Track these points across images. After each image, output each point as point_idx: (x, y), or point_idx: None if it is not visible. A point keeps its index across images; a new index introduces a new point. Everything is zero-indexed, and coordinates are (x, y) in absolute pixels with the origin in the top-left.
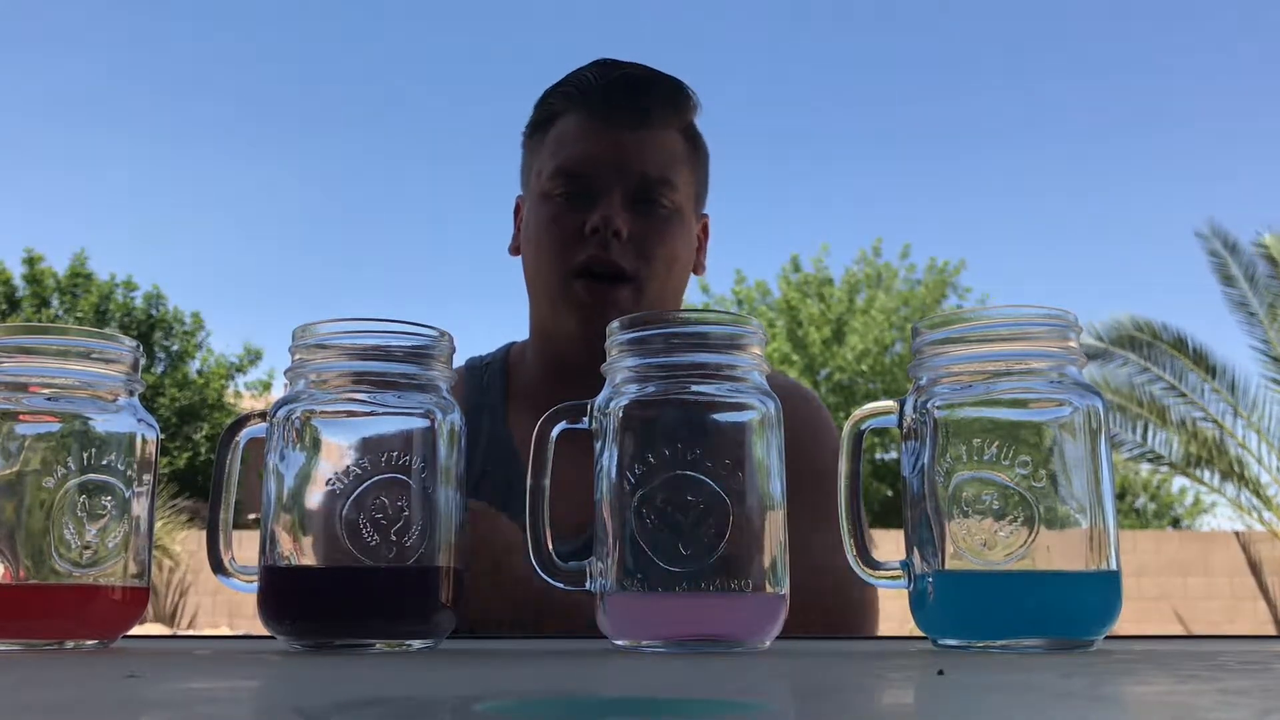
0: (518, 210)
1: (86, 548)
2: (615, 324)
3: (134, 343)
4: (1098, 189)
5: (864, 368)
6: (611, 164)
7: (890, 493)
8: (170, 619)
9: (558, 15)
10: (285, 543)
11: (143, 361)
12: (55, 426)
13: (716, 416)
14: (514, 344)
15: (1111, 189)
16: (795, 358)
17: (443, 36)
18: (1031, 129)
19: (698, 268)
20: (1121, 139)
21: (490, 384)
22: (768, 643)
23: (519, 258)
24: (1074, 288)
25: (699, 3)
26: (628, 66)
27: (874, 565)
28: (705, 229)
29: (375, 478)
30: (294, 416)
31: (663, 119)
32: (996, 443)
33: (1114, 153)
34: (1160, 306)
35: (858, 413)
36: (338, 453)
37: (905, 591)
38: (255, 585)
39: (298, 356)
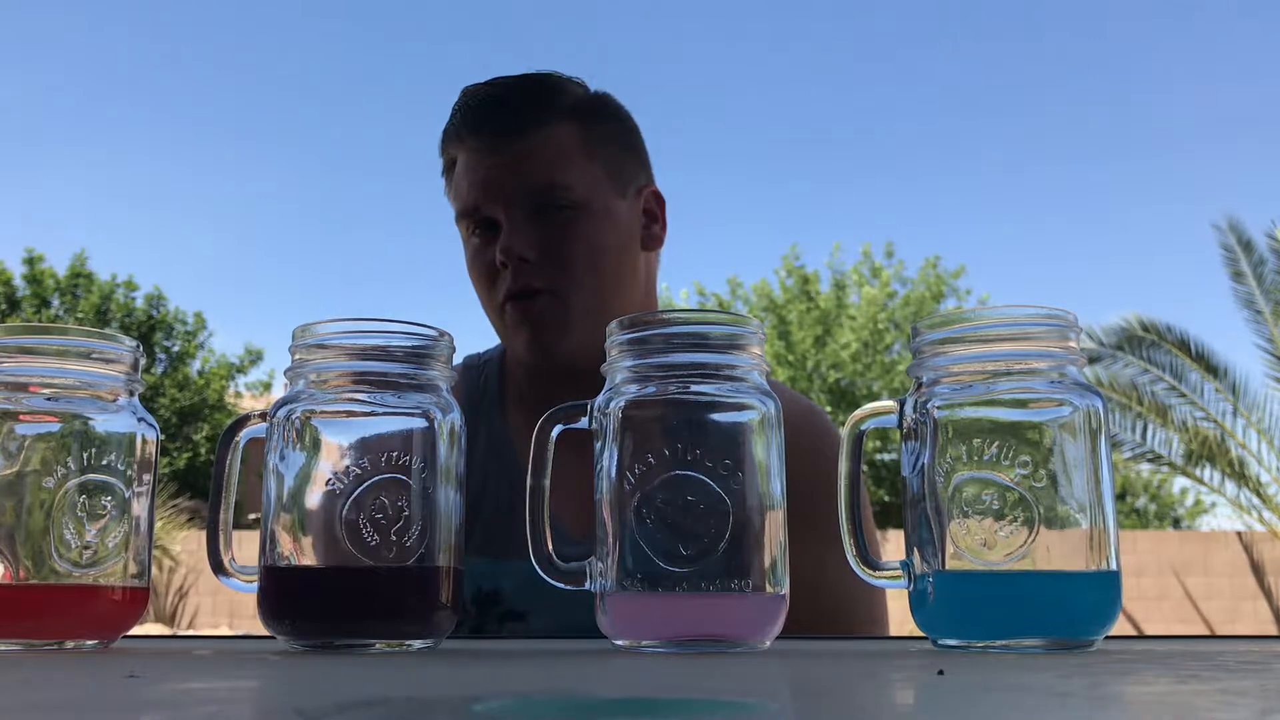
0: None
1: (86, 548)
2: (614, 324)
3: (134, 342)
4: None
5: (859, 365)
6: (495, 189)
7: (888, 497)
8: (170, 619)
9: (557, 19)
10: (285, 543)
11: (143, 361)
12: (55, 426)
13: (716, 416)
14: None
15: (1111, 188)
16: (790, 357)
17: (445, 37)
18: (1031, 127)
19: (650, 243)
20: (1122, 139)
21: (487, 383)
22: (768, 643)
23: None
24: (1072, 288)
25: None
26: (485, 85)
27: (874, 565)
28: (658, 199)
29: (375, 478)
30: (294, 416)
31: (536, 120)
32: (997, 443)
33: (1115, 152)
34: (1159, 306)
35: (857, 413)
36: (338, 453)
37: (905, 591)
38: (255, 585)
39: (298, 356)
